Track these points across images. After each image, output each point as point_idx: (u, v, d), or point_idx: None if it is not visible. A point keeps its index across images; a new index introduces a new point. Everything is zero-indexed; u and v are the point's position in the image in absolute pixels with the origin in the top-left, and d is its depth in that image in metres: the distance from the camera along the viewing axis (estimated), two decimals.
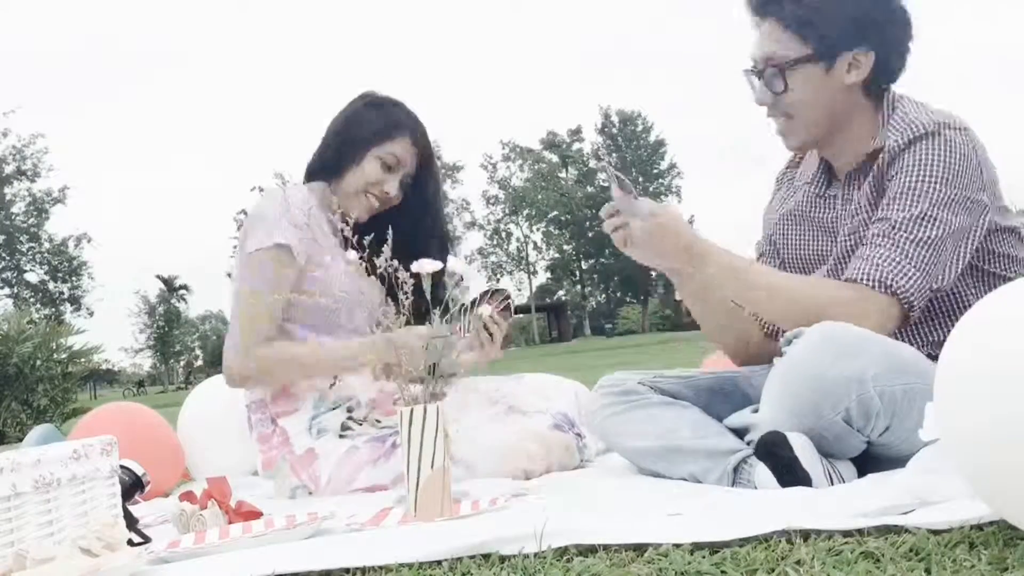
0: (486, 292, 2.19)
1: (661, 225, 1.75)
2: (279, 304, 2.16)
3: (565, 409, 2.25)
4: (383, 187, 2.29)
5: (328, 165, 2.33)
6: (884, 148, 1.76)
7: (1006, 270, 1.79)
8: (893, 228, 1.69)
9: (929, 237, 1.68)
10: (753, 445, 1.71)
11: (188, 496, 1.77)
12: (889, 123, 1.78)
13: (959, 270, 1.73)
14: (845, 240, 1.84)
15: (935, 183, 1.69)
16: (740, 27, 1.91)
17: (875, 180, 1.78)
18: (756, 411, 1.76)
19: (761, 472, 1.64)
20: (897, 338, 1.74)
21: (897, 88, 1.84)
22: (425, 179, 2.37)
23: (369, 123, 2.30)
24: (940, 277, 1.70)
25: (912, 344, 1.78)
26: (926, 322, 1.79)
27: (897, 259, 1.68)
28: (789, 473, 1.53)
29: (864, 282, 1.68)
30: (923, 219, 1.68)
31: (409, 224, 2.30)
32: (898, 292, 1.67)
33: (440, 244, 2.34)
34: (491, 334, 2.22)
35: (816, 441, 1.58)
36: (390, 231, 1.72)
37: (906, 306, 1.68)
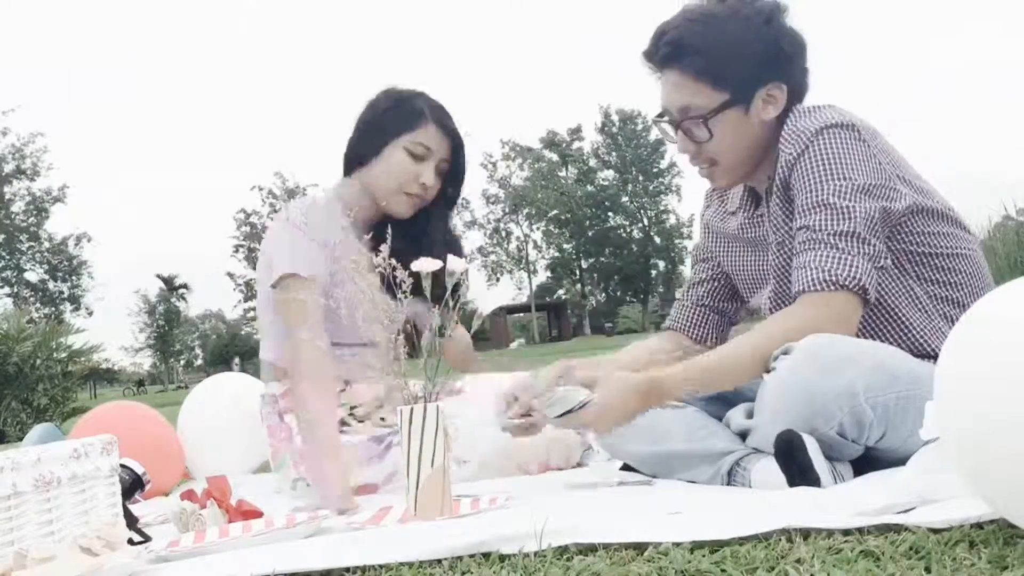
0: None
1: (605, 406, 1.64)
2: (317, 331, 2.08)
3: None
4: (419, 180, 2.20)
5: (357, 158, 2.28)
6: (780, 161, 1.77)
7: (939, 247, 1.79)
8: (814, 231, 1.69)
9: (849, 228, 1.67)
10: (746, 447, 1.71)
11: (189, 495, 1.77)
12: (781, 136, 1.79)
13: (887, 250, 1.73)
14: (776, 255, 1.86)
15: (832, 179, 1.69)
16: None
17: (780, 191, 1.80)
18: (751, 413, 1.76)
19: (757, 473, 1.64)
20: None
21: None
22: (456, 167, 2.29)
23: (391, 114, 2.25)
24: (878, 257, 1.69)
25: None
26: (875, 319, 1.79)
27: (831, 255, 1.66)
28: (801, 475, 1.54)
29: (813, 289, 1.66)
30: (837, 214, 1.68)
31: (443, 212, 2.28)
32: (847, 283, 1.65)
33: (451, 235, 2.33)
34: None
35: None
36: (389, 231, 1.72)
37: (860, 292, 1.66)
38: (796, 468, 1.54)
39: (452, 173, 2.28)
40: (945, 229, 1.79)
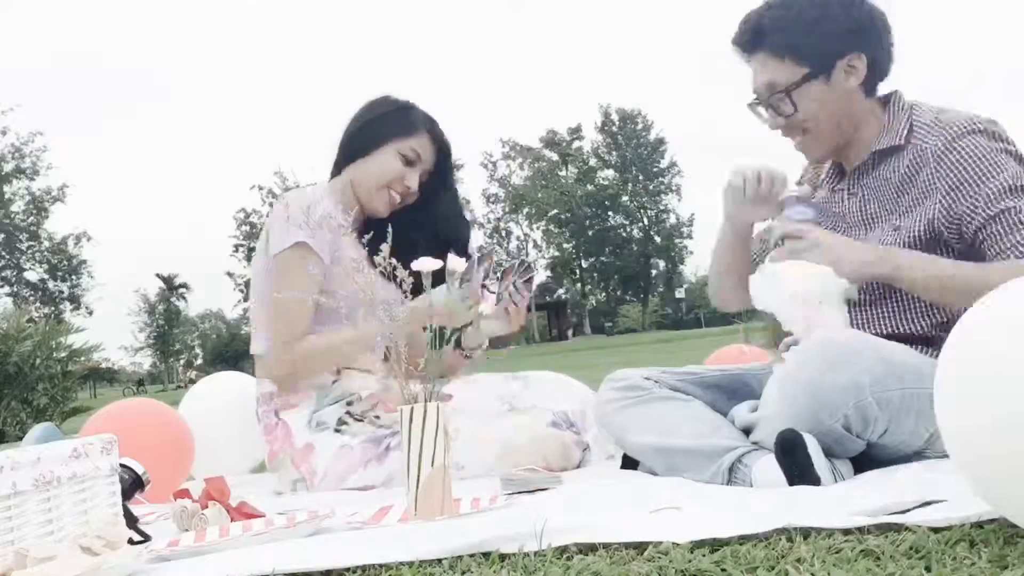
0: (511, 266, 2.22)
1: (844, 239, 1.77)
2: (310, 300, 2.19)
3: (566, 408, 2.25)
4: (404, 181, 2.35)
5: (349, 155, 2.40)
6: (924, 150, 1.80)
7: None
8: (1018, 211, 1.72)
9: None
10: (749, 443, 1.71)
11: (183, 493, 1.78)
12: (918, 124, 1.83)
13: None
14: (874, 234, 1.85)
15: (1007, 168, 1.73)
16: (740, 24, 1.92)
17: (907, 176, 1.81)
18: (755, 409, 1.76)
19: (758, 471, 1.64)
20: (912, 316, 1.79)
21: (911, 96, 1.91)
22: (444, 173, 2.44)
23: (388, 119, 2.37)
24: None
25: (924, 322, 1.80)
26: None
27: None
28: (801, 475, 1.54)
29: None
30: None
31: (430, 219, 2.37)
32: None
33: (462, 237, 2.42)
34: (515, 303, 2.24)
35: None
36: (389, 229, 1.73)
37: None
38: (796, 467, 1.55)
39: (437, 179, 2.42)
40: None
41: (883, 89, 1.92)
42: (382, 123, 2.36)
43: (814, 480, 1.52)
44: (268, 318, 2.31)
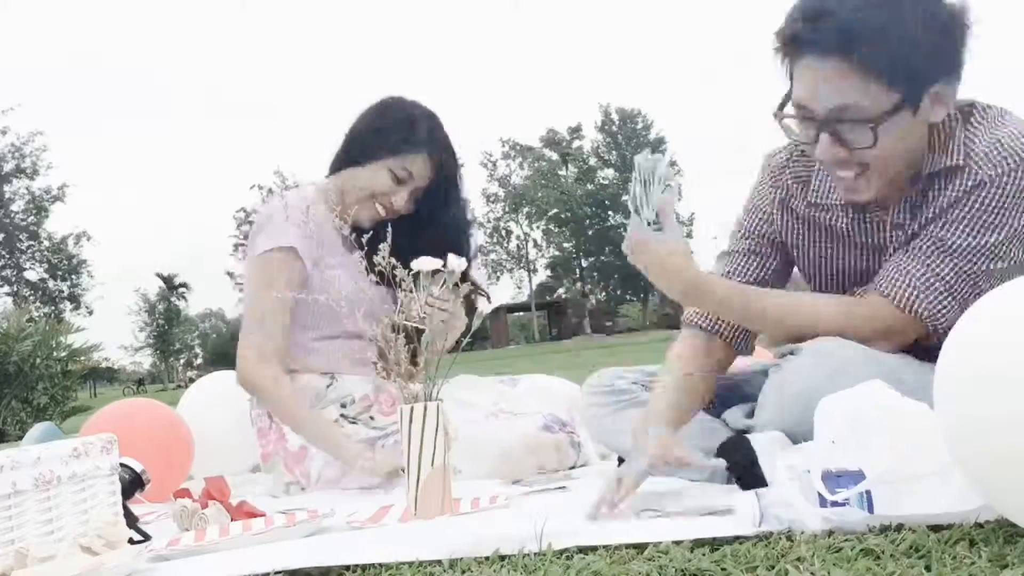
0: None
1: (666, 262, 1.61)
2: (286, 303, 2.18)
3: (557, 411, 2.24)
4: (390, 198, 2.28)
5: (347, 159, 2.35)
6: (969, 172, 1.55)
7: None
8: (946, 250, 1.56)
9: (984, 269, 1.55)
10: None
11: (183, 493, 1.78)
12: (974, 143, 1.56)
13: None
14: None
15: (1014, 213, 1.53)
16: (740, 23, 1.87)
17: (945, 200, 1.58)
18: (751, 414, 1.75)
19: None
20: None
21: None
22: (443, 191, 2.33)
23: (388, 133, 2.29)
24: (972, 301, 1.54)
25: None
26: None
27: (936, 285, 1.58)
28: (749, 475, 1.54)
29: (893, 300, 1.61)
30: (987, 250, 1.54)
31: (413, 235, 2.22)
32: (924, 316, 1.59)
33: (461, 252, 2.24)
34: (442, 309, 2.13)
35: None
36: (389, 230, 1.73)
37: (931, 328, 1.60)
38: (741, 470, 1.55)
39: (428, 200, 2.31)
40: None
41: None
42: (381, 136, 2.29)
43: (761, 478, 1.52)
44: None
